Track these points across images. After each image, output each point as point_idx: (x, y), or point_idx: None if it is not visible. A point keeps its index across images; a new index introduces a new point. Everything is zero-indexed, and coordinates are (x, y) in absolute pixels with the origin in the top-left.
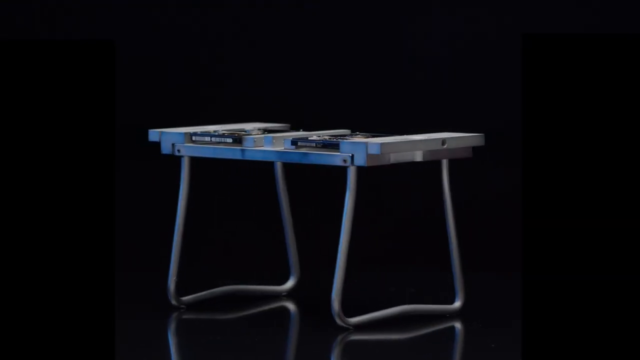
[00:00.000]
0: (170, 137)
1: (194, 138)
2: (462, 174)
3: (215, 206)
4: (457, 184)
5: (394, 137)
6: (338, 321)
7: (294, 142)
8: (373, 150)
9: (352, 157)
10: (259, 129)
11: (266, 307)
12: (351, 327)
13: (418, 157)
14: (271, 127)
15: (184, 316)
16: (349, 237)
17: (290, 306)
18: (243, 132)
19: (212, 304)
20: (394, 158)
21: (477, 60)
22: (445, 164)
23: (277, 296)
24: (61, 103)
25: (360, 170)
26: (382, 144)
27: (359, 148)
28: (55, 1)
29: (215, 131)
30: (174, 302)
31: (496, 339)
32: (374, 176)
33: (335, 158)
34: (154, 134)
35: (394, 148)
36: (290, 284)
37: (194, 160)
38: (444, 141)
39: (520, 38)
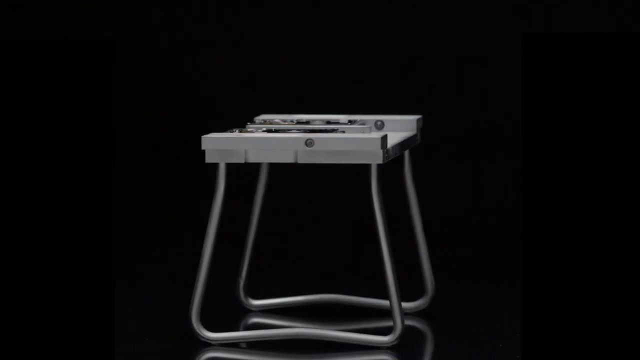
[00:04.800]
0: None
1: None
2: (459, 174)
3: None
4: (456, 184)
5: (267, 133)
6: (197, 335)
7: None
8: (212, 146)
9: (205, 152)
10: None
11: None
12: (213, 343)
13: (289, 157)
14: (360, 118)
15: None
16: (212, 243)
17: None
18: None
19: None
20: (255, 156)
21: (477, 60)
22: (374, 168)
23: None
24: (61, 103)
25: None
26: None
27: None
28: (56, 1)
29: (262, 122)
30: (245, 305)
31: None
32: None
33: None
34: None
35: (240, 144)
36: (422, 301)
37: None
38: (309, 142)
39: (520, 38)
